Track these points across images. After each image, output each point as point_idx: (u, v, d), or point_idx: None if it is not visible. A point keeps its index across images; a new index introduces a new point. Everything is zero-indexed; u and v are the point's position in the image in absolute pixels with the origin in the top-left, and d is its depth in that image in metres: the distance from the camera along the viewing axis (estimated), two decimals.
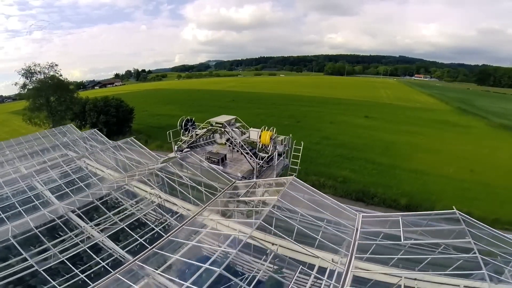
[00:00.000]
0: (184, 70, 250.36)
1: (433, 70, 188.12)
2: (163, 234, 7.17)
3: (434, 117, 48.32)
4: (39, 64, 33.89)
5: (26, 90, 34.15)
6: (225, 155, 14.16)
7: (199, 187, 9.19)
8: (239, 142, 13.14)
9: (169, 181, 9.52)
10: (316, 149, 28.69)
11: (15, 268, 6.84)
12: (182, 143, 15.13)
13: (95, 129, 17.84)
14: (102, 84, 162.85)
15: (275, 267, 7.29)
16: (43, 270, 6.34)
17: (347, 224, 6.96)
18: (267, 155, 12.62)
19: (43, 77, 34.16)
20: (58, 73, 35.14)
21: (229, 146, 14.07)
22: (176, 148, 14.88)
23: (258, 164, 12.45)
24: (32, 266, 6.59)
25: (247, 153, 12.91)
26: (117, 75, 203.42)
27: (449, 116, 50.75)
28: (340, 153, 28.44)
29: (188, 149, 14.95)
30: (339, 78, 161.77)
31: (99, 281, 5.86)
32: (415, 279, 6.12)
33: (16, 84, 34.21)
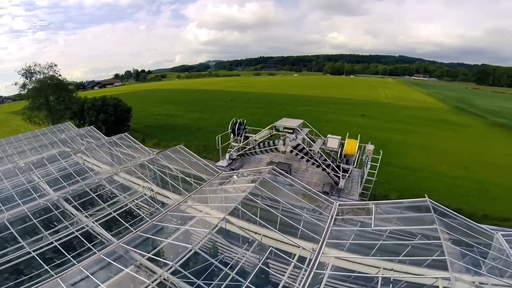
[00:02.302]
0: (184, 70, 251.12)
1: (432, 70, 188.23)
2: (148, 219, 7.54)
3: (431, 116, 48.58)
4: (39, 64, 34.35)
5: (25, 89, 34.57)
6: (291, 165, 12.45)
7: (188, 178, 9.54)
8: (318, 151, 11.17)
9: (160, 173, 9.88)
10: None
11: (11, 254, 7.21)
12: (234, 150, 13.13)
13: (92, 126, 18.20)
14: (102, 84, 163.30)
15: (259, 256, 7.59)
16: (36, 254, 6.70)
17: (325, 213, 7.29)
18: (351, 167, 10.73)
19: (42, 77, 34.57)
20: (57, 73, 35.57)
21: (296, 155, 11.70)
22: (228, 157, 13.05)
23: (344, 177, 10.52)
24: (25, 250, 6.97)
25: (327, 165, 10.91)
26: (116, 76, 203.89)
27: (446, 115, 51.02)
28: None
29: (238, 157, 13.34)
30: (338, 77, 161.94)
31: (85, 261, 6.23)
32: (392, 269, 6.33)
33: (16, 84, 34.66)
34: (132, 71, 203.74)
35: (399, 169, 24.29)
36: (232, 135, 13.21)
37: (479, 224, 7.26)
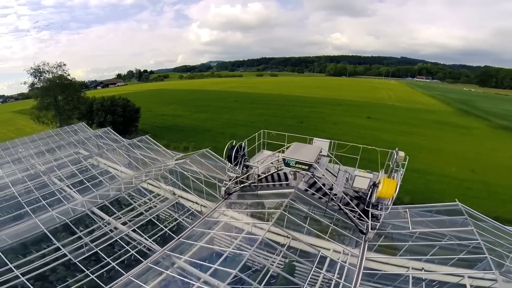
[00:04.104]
0: (186, 71, 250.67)
1: (434, 71, 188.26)
2: (188, 226, 7.65)
3: (436, 118, 48.70)
4: (47, 64, 34.52)
5: (34, 89, 34.77)
6: None
7: (216, 183, 9.65)
8: (342, 196, 8.19)
9: (187, 178, 9.99)
10: None
11: (49, 261, 7.30)
12: (231, 183, 9.88)
13: (109, 128, 18.33)
14: (104, 84, 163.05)
15: (287, 260, 7.68)
16: (78, 261, 6.79)
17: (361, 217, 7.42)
18: (383, 214, 7.71)
19: (51, 76, 34.75)
20: (66, 73, 35.75)
21: (313, 194, 8.68)
22: (223, 191, 9.84)
23: (373, 229, 7.47)
24: (66, 255, 7.07)
25: (353, 211, 7.93)
26: (119, 75, 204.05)
27: (450, 117, 51.11)
28: (343, 153, 28.84)
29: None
30: (340, 79, 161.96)
31: (132, 270, 6.28)
32: (422, 268, 6.55)
33: (25, 83, 34.91)
34: (134, 71, 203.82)
35: (409, 172, 24.14)
36: (228, 163, 9.92)
37: (505, 226, 7.50)
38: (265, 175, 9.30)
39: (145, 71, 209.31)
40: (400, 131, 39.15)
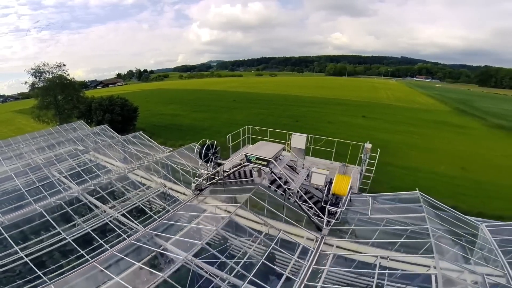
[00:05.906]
0: (186, 70, 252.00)
1: (434, 71, 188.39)
2: (170, 209, 8.37)
3: (432, 118, 49.07)
4: (47, 64, 35.35)
5: (35, 88, 35.60)
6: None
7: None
8: (297, 191, 8.63)
9: (175, 170, 10.70)
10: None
11: (47, 241, 8.04)
12: (203, 179, 10.37)
13: (105, 125, 19.06)
14: (104, 84, 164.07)
15: (265, 247, 8.27)
16: (71, 240, 7.56)
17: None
18: (340, 210, 8.02)
19: (51, 76, 35.56)
20: (65, 73, 36.56)
21: (275, 190, 9.08)
22: (193, 187, 10.27)
23: (328, 224, 8.00)
24: (64, 238, 7.82)
25: (309, 207, 8.39)
26: (119, 75, 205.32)
27: (447, 116, 51.47)
28: (336, 150, 29.42)
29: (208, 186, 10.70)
30: (340, 79, 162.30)
31: (116, 246, 7.08)
32: (388, 257, 7.02)
33: (25, 83, 35.75)
34: (134, 71, 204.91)
35: (399, 169, 24.91)
36: (200, 160, 10.33)
37: (465, 216, 8.03)
38: (231, 171, 9.75)
39: (145, 70, 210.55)
40: (396, 130, 39.57)
